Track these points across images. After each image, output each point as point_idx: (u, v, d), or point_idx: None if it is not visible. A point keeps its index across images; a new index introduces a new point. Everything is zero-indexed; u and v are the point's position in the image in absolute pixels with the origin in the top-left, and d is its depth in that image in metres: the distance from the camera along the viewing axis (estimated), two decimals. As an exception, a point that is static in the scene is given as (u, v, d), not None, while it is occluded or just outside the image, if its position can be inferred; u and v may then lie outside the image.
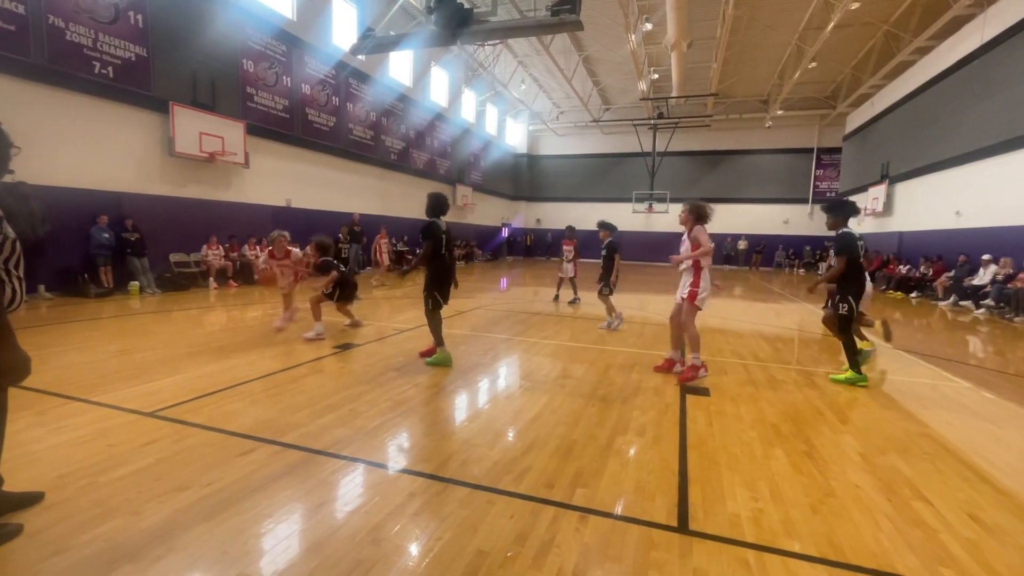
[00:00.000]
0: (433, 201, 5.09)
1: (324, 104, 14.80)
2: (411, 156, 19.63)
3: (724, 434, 3.50)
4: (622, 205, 27.64)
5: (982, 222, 12.85)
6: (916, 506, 2.59)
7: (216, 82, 11.37)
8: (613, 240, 7.26)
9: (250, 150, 12.11)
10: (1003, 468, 3.11)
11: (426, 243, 4.91)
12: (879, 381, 5.18)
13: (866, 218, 20.52)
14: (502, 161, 28.95)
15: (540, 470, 2.85)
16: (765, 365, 5.59)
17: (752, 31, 18.04)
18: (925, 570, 2.07)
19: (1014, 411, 4.35)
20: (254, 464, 2.81)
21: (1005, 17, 12.29)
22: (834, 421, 3.85)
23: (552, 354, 5.79)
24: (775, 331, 7.83)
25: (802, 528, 2.35)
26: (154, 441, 3.07)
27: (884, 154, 19.15)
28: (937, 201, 15.17)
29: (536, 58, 21.71)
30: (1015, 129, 11.63)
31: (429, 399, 4.07)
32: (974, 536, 2.33)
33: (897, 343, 7.26)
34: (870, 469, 3.02)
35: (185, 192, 11.06)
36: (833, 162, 26.06)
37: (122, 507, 2.33)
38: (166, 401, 3.76)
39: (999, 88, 12.37)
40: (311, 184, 14.63)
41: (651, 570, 2.01)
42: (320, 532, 2.20)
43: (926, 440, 3.53)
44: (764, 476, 2.87)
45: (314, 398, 3.96)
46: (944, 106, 15.04)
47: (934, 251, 14.41)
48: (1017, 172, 11.67)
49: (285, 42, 13.17)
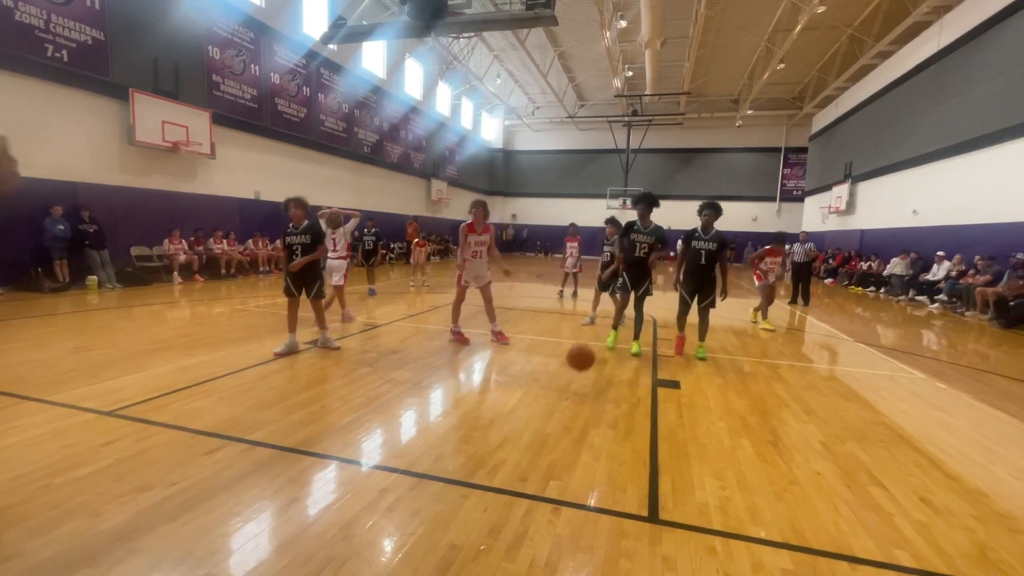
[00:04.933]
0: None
1: (295, 94, 14.44)
2: (385, 149, 19.35)
3: (694, 426, 3.58)
4: (597, 201, 27.90)
5: (937, 221, 13.46)
6: (872, 491, 2.71)
7: (180, 69, 10.96)
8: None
9: (217, 140, 11.73)
10: (953, 454, 3.27)
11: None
12: (842, 374, 5.39)
13: (830, 216, 21.25)
14: (477, 156, 28.81)
15: (514, 463, 2.87)
16: (734, 358, 5.74)
17: (723, 31, 18.39)
18: (880, 552, 2.16)
19: (964, 400, 4.59)
20: (221, 463, 2.74)
21: (959, 25, 12.85)
22: (798, 411, 3.99)
23: (527, 349, 5.81)
24: (744, 325, 8.04)
25: (767, 515, 2.43)
26: (114, 441, 2.96)
27: (847, 154, 19.83)
28: (896, 200, 15.81)
29: (512, 52, 21.64)
30: (968, 132, 12.20)
31: (402, 395, 4.04)
32: (925, 519, 2.45)
33: (857, 336, 7.56)
34: (831, 457, 3.14)
35: (147, 183, 10.64)
36: (800, 161, 26.87)
37: (80, 509, 2.24)
38: (127, 399, 3.63)
39: (954, 92, 12.94)
40: (281, 176, 14.27)
41: (622, 559, 2.05)
42: (290, 530, 2.17)
43: (883, 429, 3.69)
44: (731, 466, 2.96)
45: (284, 395, 3.88)
46: (903, 109, 15.66)
47: (893, 248, 15.02)
48: (969, 174, 12.26)
49: (253, 29, 12.77)
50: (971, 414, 4.19)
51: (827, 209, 21.45)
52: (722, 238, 5.41)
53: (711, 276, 5.45)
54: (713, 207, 5.35)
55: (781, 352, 6.29)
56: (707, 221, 5.39)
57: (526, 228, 31.19)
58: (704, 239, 5.39)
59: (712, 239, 5.38)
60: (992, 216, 11.26)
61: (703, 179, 28.42)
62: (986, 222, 11.45)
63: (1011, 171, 10.81)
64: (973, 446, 3.44)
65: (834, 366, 5.82)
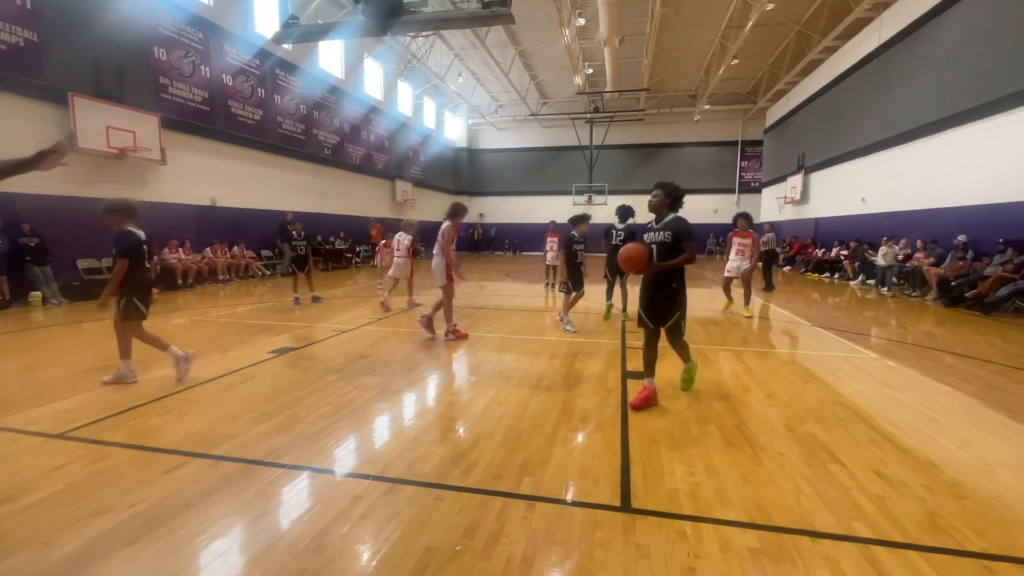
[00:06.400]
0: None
1: (249, 96, 13.97)
2: (346, 151, 18.97)
3: (663, 415, 3.66)
4: (563, 198, 28.10)
5: (884, 207, 14.16)
6: (831, 468, 2.84)
7: (123, 71, 10.44)
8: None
9: (167, 145, 11.24)
10: (904, 428, 3.46)
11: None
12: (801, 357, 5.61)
13: (786, 206, 22.07)
14: (442, 155, 28.58)
15: (487, 463, 2.87)
16: (699, 347, 5.89)
17: (679, 28, 18.81)
18: (839, 525, 2.27)
19: (913, 377, 4.85)
20: (183, 480, 2.63)
21: (898, 21, 13.53)
22: (761, 396, 4.13)
23: (497, 348, 5.81)
24: (708, 315, 8.27)
25: (734, 497, 2.51)
26: (65, 464, 2.81)
27: (800, 146, 20.63)
28: (846, 189, 16.54)
29: (472, 51, 21.54)
30: (909, 123, 12.87)
31: (372, 400, 3.98)
32: (880, 491, 2.58)
33: (815, 321, 7.88)
34: (792, 438, 3.26)
35: (92, 192, 10.09)
36: (756, 154, 27.77)
37: (30, 539, 2.12)
38: (78, 420, 3.45)
39: (896, 85, 13.63)
40: (238, 181, 13.79)
41: (596, 550, 2.08)
42: (259, 544, 2.11)
43: (840, 408, 3.86)
44: (699, 452, 3.04)
45: (248, 406, 3.76)
46: (850, 101, 16.38)
47: (846, 235, 15.71)
48: (912, 162, 12.94)
49: (201, 29, 12.28)
50: (919, 389, 4.43)
51: (783, 199, 22.26)
52: (679, 226, 3.81)
53: (670, 287, 3.81)
54: (663, 187, 3.90)
55: (744, 339, 6.50)
56: (655, 203, 3.92)
57: (494, 227, 31.17)
58: (655, 229, 3.91)
59: (665, 227, 3.84)
60: (933, 202, 11.92)
61: (665, 174, 28.92)
62: (928, 207, 12.11)
63: (948, 159, 11.47)
64: (922, 420, 3.64)
65: (794, 350, 6.05)
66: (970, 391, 4.35)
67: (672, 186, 3.93)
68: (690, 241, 3.73)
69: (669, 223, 3.86)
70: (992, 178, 10.08)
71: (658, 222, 3.93)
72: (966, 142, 10.90)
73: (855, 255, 14.12)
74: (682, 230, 3.79)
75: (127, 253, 4.16)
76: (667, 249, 3.81)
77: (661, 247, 3.83)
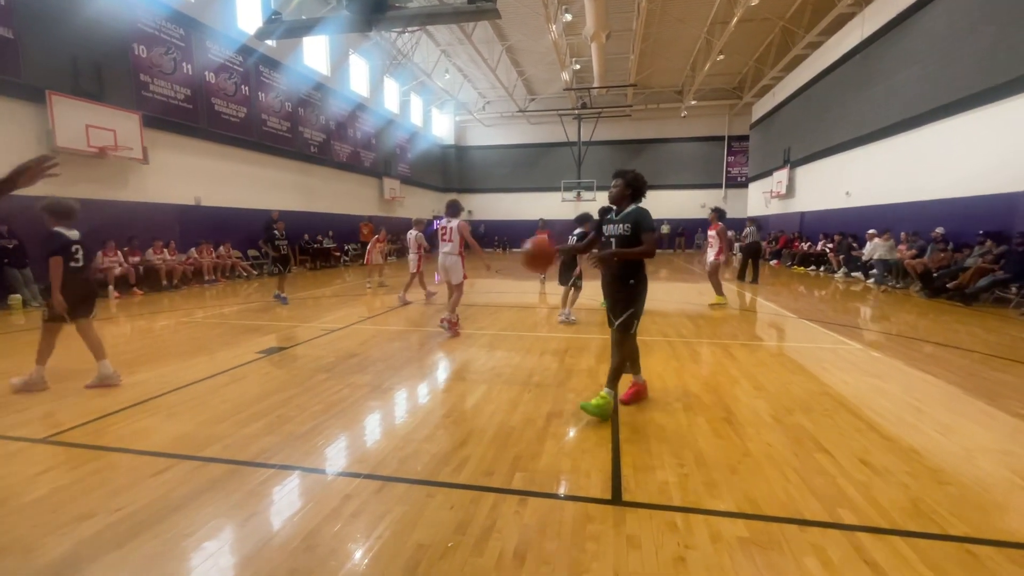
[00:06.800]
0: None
1: (232, 94, 13.77)
2: (333, 148, 18.79)
3: (652, 408, 3.69)
4: (552, 194, 28.17)
5: (868, 201, 14.36)
6: (818, 457, 2.88)
7: (102, 69, 10.23)
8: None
9: (149, 144, 11.05)
10: (888, 417, 3.52)
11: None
12: (788, 349, 5.68)
13: (772, 200, 22.30)
14: (429, 153, 28.43)
15: (479, 459, 2.87)
16: (688, 341, 5.95)
17: (665, 24, 18.87)
18: (826, 513, 2.31)
19: (897, 367, 4.93)
20: (170, 483, 2.60)
21: (879, 16, 13.70)
22: (749, 388, 4.18)
23: (488, 344, 5.81)
24: (697, 309, 8.34)
25: (723, 488, 2.54)
26: (49, 469, 2.76)
27: (786, 140, 20.84)
28: (831, 183, 16.74)
29: (459, 47, 21.44)
30: (891, 117, 13.06)
31: (363, 399, 3.96)
32: (865, 479, 2.63)
33: (801, 313, 7.98)
34: (780, 428, 3.31)
35: (73, 192, 9.87)
36: (742, 149, 28.00)
37: (12, 545, 2.09)
38: (62, 424, 3.39)
39: (878, 79, 13.81)
40: (223, 180, 13.61)
41: (588, 542, 2.10)
42: (250, 545, 2.09)
43: (826, 398, 3.92)
44: (689, 444, 3.07)
45: (237, 407, 3.73)
46: (834, 96, 16.57)
47: (831, 229, 15.91)
48: (894, 156, 13.14)
49: (182, 25, 12.07)
50: (902, 379, 4.51)
51: (769, 194, 22.49)
52: (640, 218, 3.48)
53: (627, 281, 3.55)
54: (623, 176, 3.61)
55: (732, 333, 6.57)
56: (615, 194, 3.64)
57: (483, 224, 31.09)
58: (614, 221, 3.61)
59: (625, 219, 3.54)
60: (915, 195, 12.11)
61: (653, 169, 29.09)
62: (910, 200, 12.31)
63: (930, 153, 11.66)
64: (905, 408, 3.71)
65: (781, 343, 6.13)
66: (952, 380, 4.44)
67: (632, 175, 3.64)
68: (650, 234, 3.46)
69: (630, 214, 3.55)
70: (971, 171, 10.27)
71: (618, 214, 3.63)
72: (947, 136, 11.09)
73: (839, 248, 14.33)
74: (642, 222, 3.48)
75: (53, 254, 4.14)
76: (627, 243, 3.52)
77: (620, 241, 3.54)
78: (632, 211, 3.55)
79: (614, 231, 3.59)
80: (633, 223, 3.50)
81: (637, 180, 3.64)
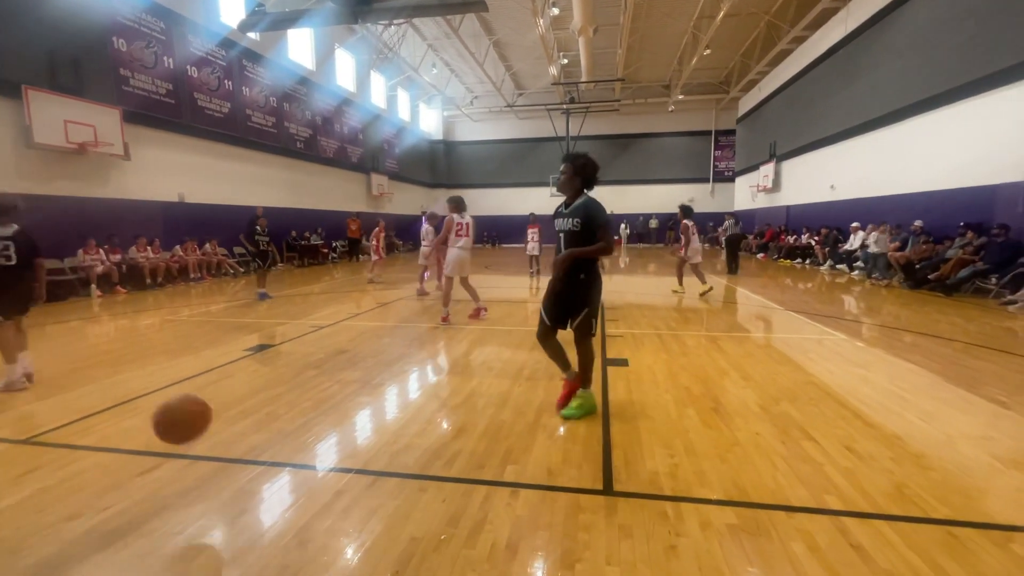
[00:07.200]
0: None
1: (216, 88, 13.53)
2: (319, 144, 18.58)
3: (643, 400, 3.72)
4: (540, 189, 28.16)
5: (852, 194, 14.56)
6: (805, 445, 2.93)
7: (80, 63, 10.00)
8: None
9: (130, 140, 10.83)
10: (872, 405, 3.59)
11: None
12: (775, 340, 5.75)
13: (759, 194, 22.50)
14: (417, 148, 28.23)
15: (470, 452, 2.87)
16: (676, 333, 6.00)
17: (652, 18, 18.90)
18: (813, 499, 2.35)
19: (880, 356, 5.03)
20: (158, 482, 2.57)
21: (863, 11, 13.85)
22: (737, 378, 4.23)
23: (478, 339, 5.81)
24: (686, 302, 8.40)
25: (712, 477, 2.57)
26: (33, 470, 2.71)
27: (772, 135, 21.02)
28: (816, 177, 16.94)
29: (446, 41, 21.27)
30: (874, 111, 13.23)
31: (353, 395, 3.94)
32: (850, 465, 2.68)
33: (788, 305, 8.09)
34: (767, 418, 3.35)
35: (52, 189, 9.69)
36: (729, 143, 28.20)
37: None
38: (45, 424, 3.33)
39: (862, 74, 13.97)
40: (207, 176, 13.40)
41: (580, 532, 2.11)
42: (240, 542, 2.08)
43: (812, 388, 3.98)
44: (679, 434, 3.10)
45: (226, 404, 3.68)
46: (819, 90, 16.74)
47: (817, 222, 16.10)
48: (877, 150, 13.32)
49: (162, 18, 11.82)
50: (886, 368, 4.60)
51: (756, 188, 22.69)
52: (591, 211, 3.15)
53: (577, 278, 3.19)
54: (571, 161, 3.25)
55: (720, 325, 6.63)
56: (563, 182, 3.29)
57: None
58: (564, 214, 3.25)
59: (574, 213, 3.18)
60: (898, 188, 12.30)
61: (641, 164, 29.30)
62: (892, 193, 12.50)
63: (912, 146, 11.84)
64: (888, 396, 3.78)
65: (768, 334, 6.20)
66: (933, 368, 4.53)
67: (582, 160, 3.22)
68: (605, 228, 3.08)
69: (579, 207, 3.17)
70: (952, 164, 10.45)
71: (568, 206, 3.23)
72: (928, 130, 11.27)
73: (826, 241, 14.50)
74: (595, 216, 3.10)
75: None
76: (577, 239, 3.13)
77: (569, 237, 3.15)
78: (582, 203, 3.18)
79: (563, 226, 3.20)
80: (583, 217, 3.12)
81: (587, 167, 3.22)
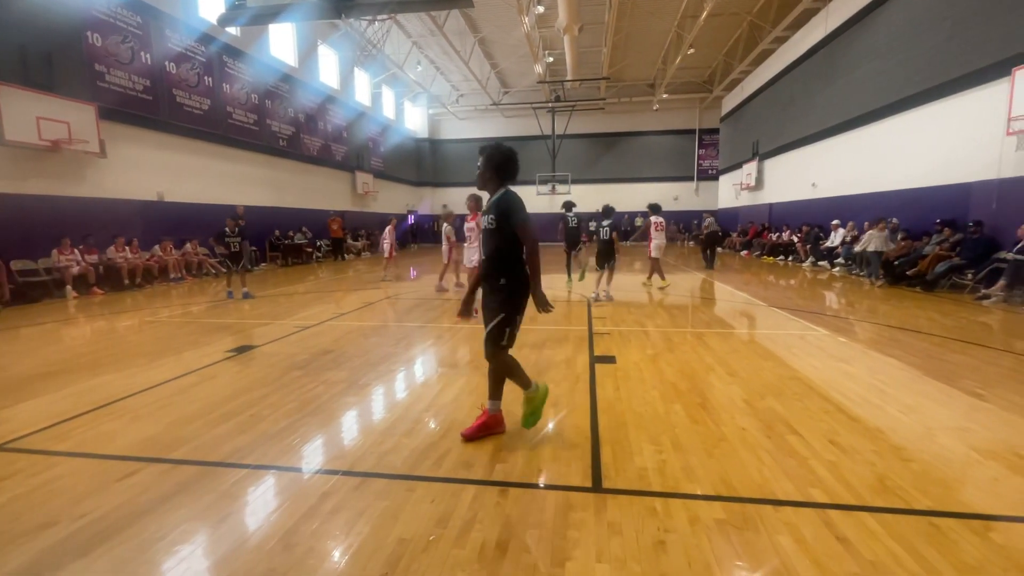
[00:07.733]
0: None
1: (195, 84, 13.27)
2: (303, 142, 18.33)
3: (630, 397, 3.74)
4: (527, 187, 28.06)
5: (833, 192, 14.82)
6: (790, 439, 2.97)
7: (53, 58, 9.72)
8: (614, 222, 8.24)
9: (107, 137, 10.57)
10: (854, 399, 3.65)
11: None
12: (760, 336, 5.82)
13: (742, 192, 22.78)
14: (403, 146, 28.04)
15: (459, 451, 2.86)
16: (663, 330, 6.04)
17: (637, 17, 19.00)
18: (798, 492, 2.38)
19: (861, 351, 5.12)
20: (138, 487, 2.51)
21: (842, 12, 14.08)
22: (723, 374, 4.27)
23: (466, 338, 5.78)
24: (671, 299, 8.48)
25: (700, 472, 2.59)
26: (7, 477, 2.63)
27: (754, 133, 21.28)
28: (798, 175, 17.20)
29: (431, 39, 21.13)
30: (853, 110, 13.47)
31: (339, 395, 3.89)
32: (834, 458, 2.72)
33: (771, 301, 8.20)
34: (753, 413, 3.39)
35: (24, 188, 9.42)
36: (713, 142, 28.49)
37: (-33, 558, 1.98)
38: (19, 430, 3.23)
39: (842, 74, 14.21)
40: (187, 174, 13.14)
41: (570, 530, 2.11)
42: (224, 547, 2.03)
43: (796, 383, 4.04)
44: (666, 430, 3.12)
45: (207, 407, 3.61)
46: (800, 90, 16.99)
47: (799, 220, 16.35)
48: (856, 148, 13.56)
49: (139, 12, 11.55)
50: (867, 362, 4.68)
51: (739, 186, 22.97)
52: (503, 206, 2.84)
53: (497, 280, 2.91)
54: (484, 153, 2.98)
55: (706, 321, 6.70)
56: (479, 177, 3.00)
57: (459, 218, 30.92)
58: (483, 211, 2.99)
59: (490, 209, 2.91)
60: (876, 185, 12.55)
61: (626, 162, 29.48)
62: (872, 191, 12.75)
63: (890, 145, 12.08)
64: (870, 390, 3.85)
65: (752, 330, 6.28)
66: (913, 362, 4.63)
67: (490, 150, 2.90)
68: (524, 226, 2.74)
69: (494, 202, 2.85)
70: (929, 163, 10.68)
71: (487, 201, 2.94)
72: (905, 128, 11.50)
73: (807, 238, 14.76)
74: (511, 212, 2.76)
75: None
76: (494, 237, 2.83)
77: (487, 236, 2.86)
78: (498, 198, 2.85)
79: (484, 223, 2.89)
80: (497, 213, 2.79)
81: (495, 156, 2.86)
